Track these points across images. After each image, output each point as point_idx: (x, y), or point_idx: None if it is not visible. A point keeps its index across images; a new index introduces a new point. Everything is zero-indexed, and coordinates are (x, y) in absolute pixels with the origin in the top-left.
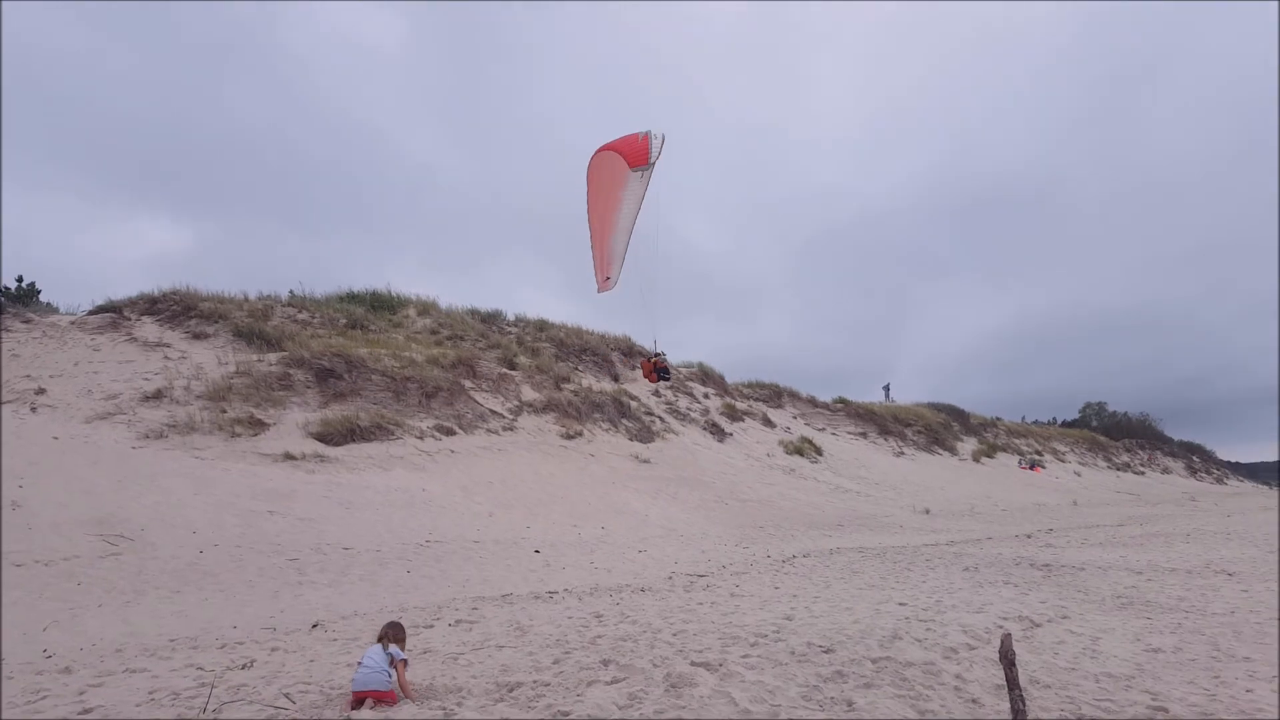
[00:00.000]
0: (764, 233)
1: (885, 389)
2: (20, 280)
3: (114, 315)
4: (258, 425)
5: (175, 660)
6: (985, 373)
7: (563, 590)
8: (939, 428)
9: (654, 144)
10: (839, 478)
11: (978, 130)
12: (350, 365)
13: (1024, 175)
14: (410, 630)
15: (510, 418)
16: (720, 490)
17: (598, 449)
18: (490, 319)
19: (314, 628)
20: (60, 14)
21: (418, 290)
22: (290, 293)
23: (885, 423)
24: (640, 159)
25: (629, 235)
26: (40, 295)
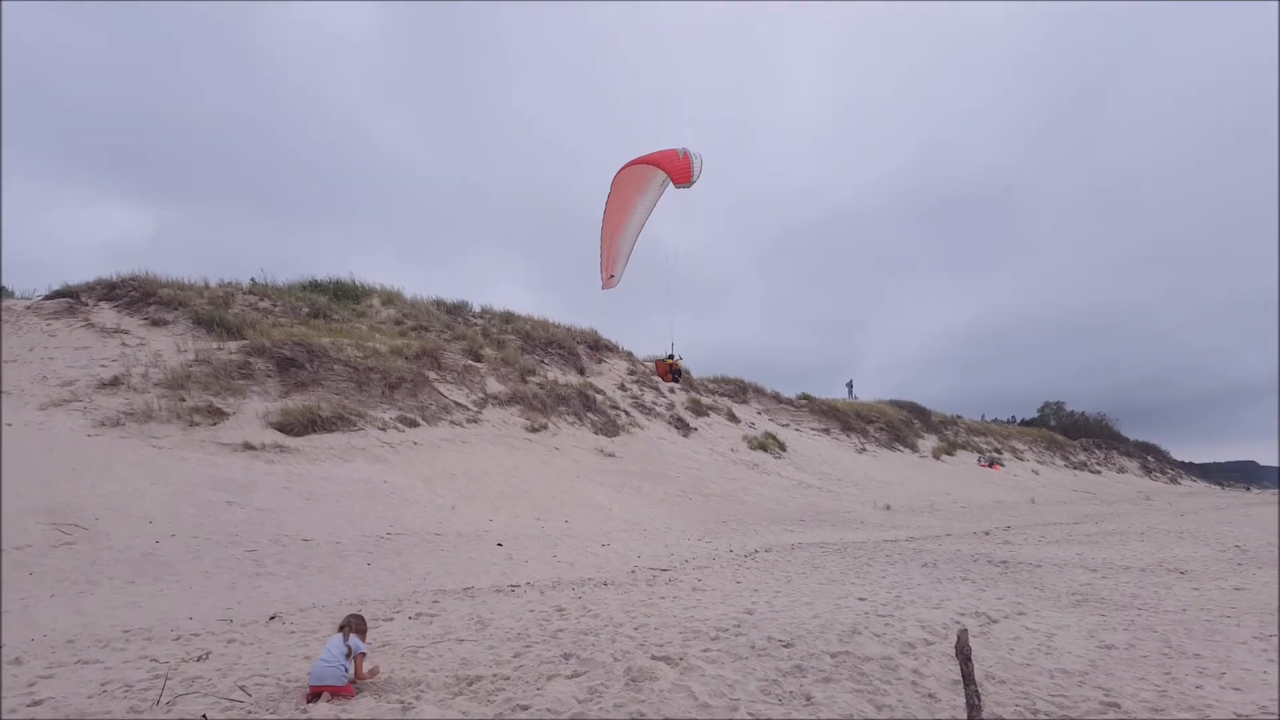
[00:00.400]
0: (733, 229)
1: (849, 386)
2: None
3: (71, 301)
4: (217, 414)
5: (129, 652)
6: (947, 371)
7: (525, 584)
8: (900, 425)
9: (695, 164)
10: (802, 473)
11: (946, 133)
12: (312, 355)
13: (989, 178)
14: (370, 623)
15: (475, 410)
16: (684, 485)
17: (562, 442)
18: (456, 310)
19: (271, 620)
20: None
21: (384, 280)
22: (252, 280)
23: (848, 419)
24: (683, 177)
25: (635, 239)
26: None
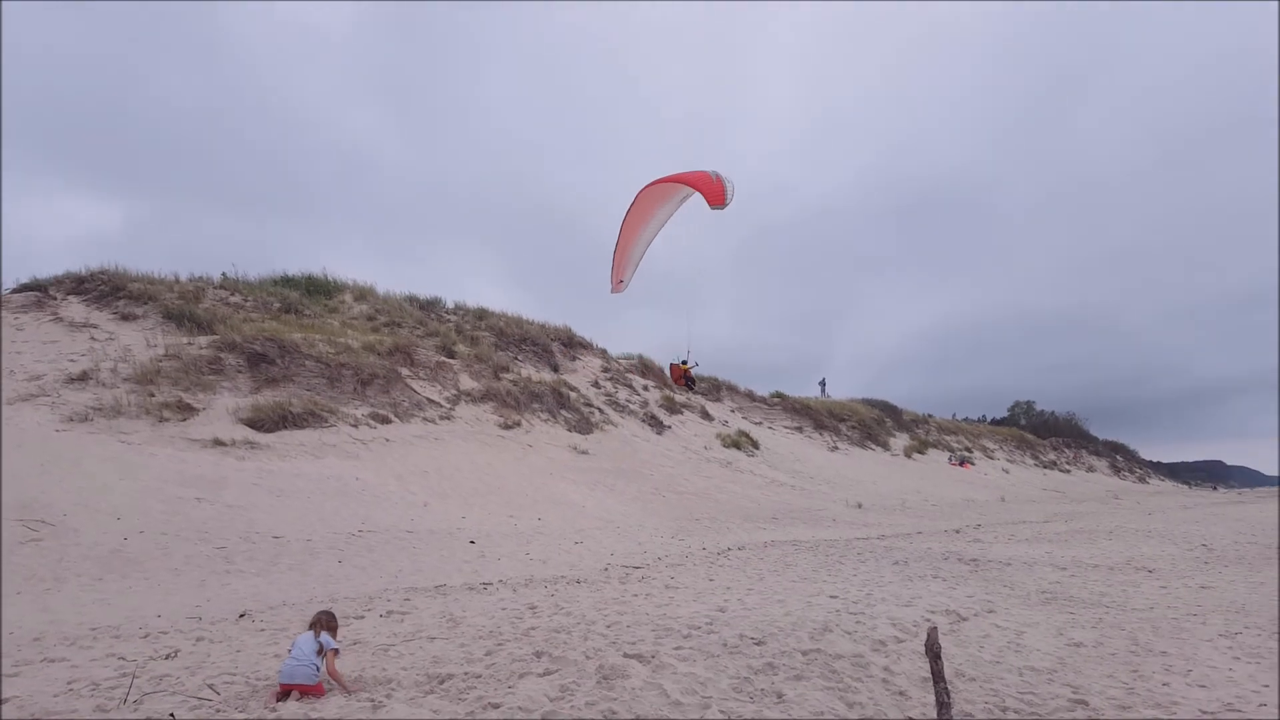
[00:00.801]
0: (706, 227)
1: (821, 384)
2: None
3: (39, 294)
4: (187, 410)
5: (96, 650)
6: (918, 369)
7: (497, 581)
8: (873, 423)
9: (728, 187)
10: (775, 471)
11: (918, 132)
12: (283, 350)
13: (959, 178)
14: (341, 621)
15: (447, 406)
16: (657, 482)
17: (536, 439)
18: (429, 306)
19: (241, 617)
20: None
21: (356, 276)
22: (223, 275)
23: (821, 418)
24: (718, 199)
25: (646, 249)
26: None
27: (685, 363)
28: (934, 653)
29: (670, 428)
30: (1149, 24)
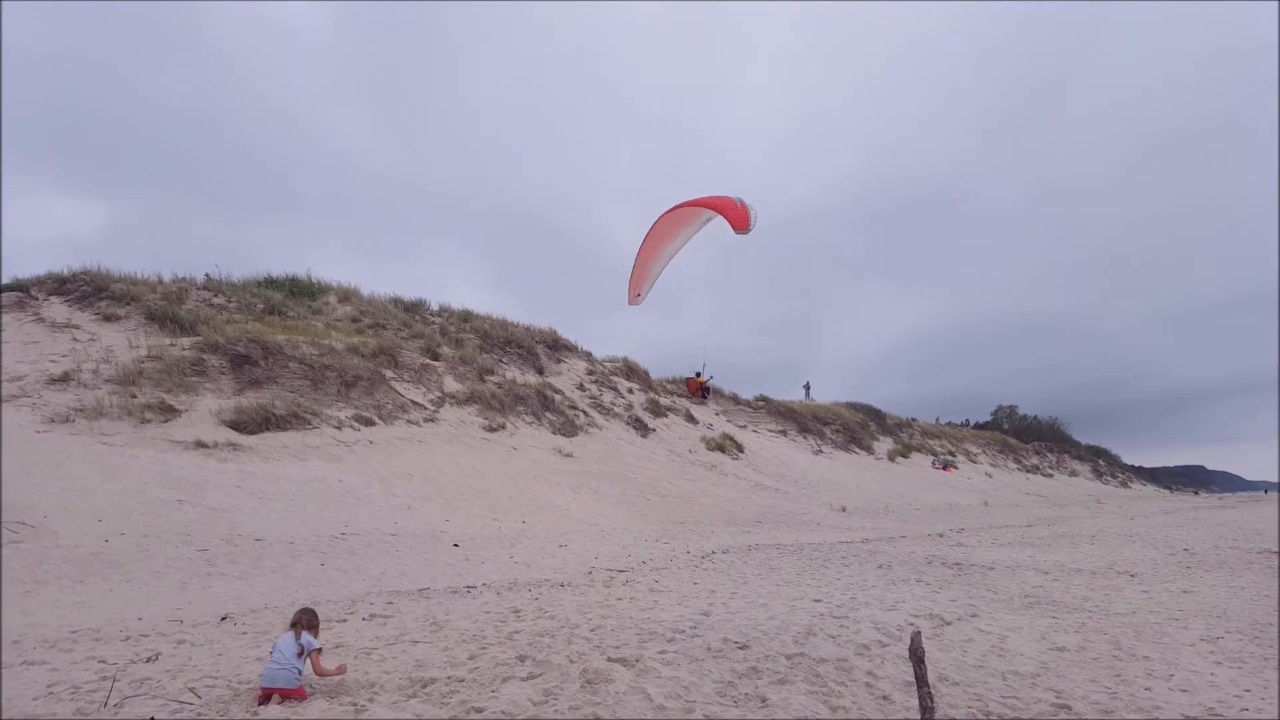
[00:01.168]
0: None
1: (805, 388)
2: None
3: (20, 295)
4: (169, 411)
5: (76, 652)
6: (902, 373)
7: (481, 585)
8: (856, 427)
9: (752, 213)
10: (759, 475)
11: (900, 137)
12: (267, 352)
13: (940, 183)
14: (324, 624)
15: (432, 409)
16: (642, 485)
17: (520, 442)
18: (413, 308)
19: (223, 620)
20: None
21: (339, 277)
22: (206, 276)
23: (805, 421)
24: (742, 225)
25: (665, 265)
26: None
27: (700, 375)
28: (917, 657)
29: (655, 431)
30: (1124, 27)
